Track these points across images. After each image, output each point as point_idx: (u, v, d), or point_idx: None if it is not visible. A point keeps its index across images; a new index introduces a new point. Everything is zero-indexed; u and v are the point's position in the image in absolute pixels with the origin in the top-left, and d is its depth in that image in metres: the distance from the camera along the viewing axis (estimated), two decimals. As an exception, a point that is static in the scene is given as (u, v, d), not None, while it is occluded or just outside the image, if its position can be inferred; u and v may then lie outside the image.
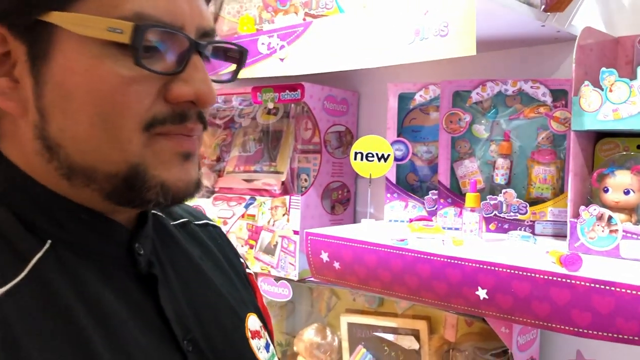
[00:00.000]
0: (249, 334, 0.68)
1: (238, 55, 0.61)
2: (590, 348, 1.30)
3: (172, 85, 0.53)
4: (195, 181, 0.57)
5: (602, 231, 1.02)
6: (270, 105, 1.66)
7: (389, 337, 1.52)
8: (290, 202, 1.60)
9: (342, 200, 1.73)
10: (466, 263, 1.00)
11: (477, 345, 1.29)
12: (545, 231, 1.24)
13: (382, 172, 1.27)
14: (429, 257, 1.05)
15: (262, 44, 1.39)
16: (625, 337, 0.83)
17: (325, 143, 1.66)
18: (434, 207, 1.36)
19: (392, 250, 1.10)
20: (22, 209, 0.53)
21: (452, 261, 1.02)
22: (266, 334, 0.73)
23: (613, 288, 0.84)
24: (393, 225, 1.37)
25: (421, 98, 1.38)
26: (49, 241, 0.53)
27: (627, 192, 1.03)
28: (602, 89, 1.02)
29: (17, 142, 0.54)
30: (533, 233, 1.24)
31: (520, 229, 1.25)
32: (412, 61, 1.06)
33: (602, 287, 0.85)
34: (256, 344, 0.68)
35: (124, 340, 0.53)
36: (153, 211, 0.68)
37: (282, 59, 1.34)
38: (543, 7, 1.14)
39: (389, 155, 1.26)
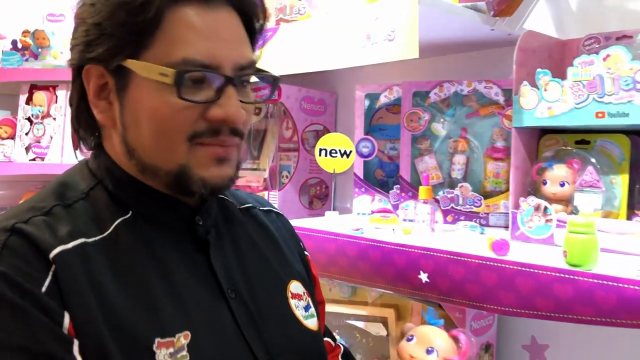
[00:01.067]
0: (289, 294, 0.85)
1: (271, 79, 0.80)
2: (544, 334, 1.37)
3: (210, 109, 0.71)
4: (229, 177, 0.75)
5: (539, 220, 1.10)
6: (251, 106, 1.75)
7: (360, 324, 1.60)
8: (268, 197, 1.68)
9: (320, 195, 1.81)
10: (410, 249, 1.08)
11: (436, 330, 1.37)
12: (498, 222, 1.32)
13: (345, 167, 1.36)
14: (379, 244, 1.13)
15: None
16: (543, 313, 0.91)
17: (303, 141, 1.75)
18: (398, 200, 1.44)
19: (348, 239, 1.19)
20: (114, 189, 0.75)
21: (399, 248, 1.10)
22: (309, 299, 0.88)
23: (533, 270, 0.92)
24: (358, 218, 1.46)
25: (385, 98, 1.47)
26: (131, 212, 0.74)
27: (562, 184, 1.11)
28: (538, 89, 1.10)
29: (112, 145, 0.76)
30: (487, 224, 1.32)
31: (475, 221, 1.33)
32: (364, 64, 1.15)
33: (524, 269, 0.93)
34: (295, 303, 0.85)
35: (178, 285, 0.71)
36: (221, 196, 0.88)
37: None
38: (492, 12, 1.22)
39: (351, 151, 1.34)
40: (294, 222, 1.37)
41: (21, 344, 0.59)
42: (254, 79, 0.81)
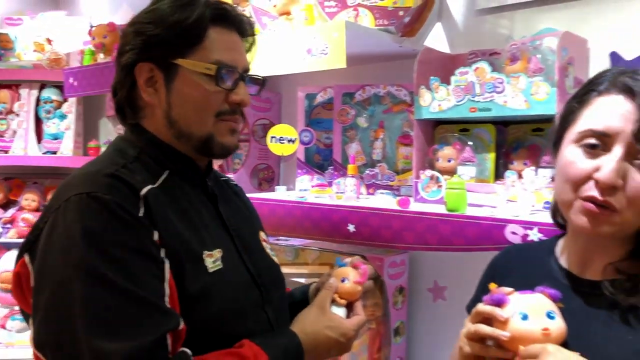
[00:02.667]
0: (261, 238, 1.20)
1: (262, 80, 1.17)
2: (444, 278, 1.79)
3: (230, 95, 1.06)
4: (236, 144, 1.10)
5: (434, 187, 1.52)
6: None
7: (302, 280, 1.97)
8: (225, 179, 2.03)
9: (267, 179, 2.18)
10: (342, 208, 1.47)
11: (362, 277, 1.77)
12: (408, 193, 1.72)
13: (291, 151, 1.73)
14: (318, 206, 1.52)
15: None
16: (432, 246, 1.32)
17: (253, 133, 2.11)
18: (332, 178, 1.83)
19: (294, 204, 1.57)
20: (155, 155, 1.05)
21: (333, 207, 1.49)
22: (270, 246, 1.22)
23: (424, 216, 1.33)
24: (301, 192, 1.83)
25: (321, 98, 1.86)
26: (167, 171, 1.04)
27: (449, 160, 1.53)
28: (431, 91, 1.51)
29: (153, 119, 1.07)
30: (400, 195, 1.73)
31: (391, 192, 1.74)
32: (305, 71, 1.53)
33: (419, 215, 1.34)
34: (265, 245, 1.20)
35: (204, 220, 1.05)
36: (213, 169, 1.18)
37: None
38: (400, 34, 1.64)
39: (295, 138, 1.72)
40: (251, 195, 1.74)
41: (133, 245, 0.89)
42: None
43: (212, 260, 1.00)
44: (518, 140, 1.55)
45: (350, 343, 1.10)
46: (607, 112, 0.88)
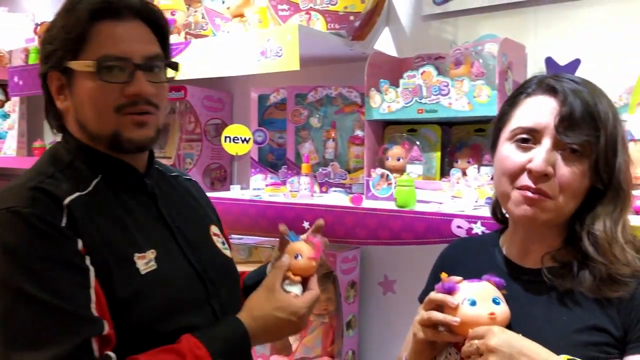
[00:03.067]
0: (211, 233, 1.19)
1: (175, 65, 1.11)
2: (394, 271, 1.87)
3: (126, 88, 1.01)
4: (150, 138, 1.05)
5: (384, 184, 1.58)
6: (161, 103, 2.09)
7: (256, 278, 2.00)
8: (178, 179, 2.04)
9: (220, 178, 2.20)
10: (296, 206, 1.52)
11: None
12: (359, 190, 1.78)
13: (245, 150, 1.77)
14: (274, 204, 1.56)
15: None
16: (383, 240, 1.39)
17: (206, 133, 2.12)
18: (285, 177, 1.88)
19: (249, 203, 1.60)
20: (86, 159, 1.04)
21: (288, 206, 1.53)
22: (224, 239, 1.22)
23: (376, 212, 1.39)
24: (255, 191, 1.87)
25: (274, 98, 1.90)
26: (100, 175, 1.04)
27: (398, 159, 1.61)
28: (381, 93, 1.58)
29: (71, 125, 1.07)
30: (352, 192, 1.79)
31: (343, 190, 1.79)
32: (259, 72, 1.56)
33: (370, 212, 1.40)
34: (215, 239, 1.18)
35: (141, 222, 1.04)
36: (157, 166, 1.17)
37: (169, 68, 1.79)
38: (350, 37, 1.70)
39: (249, 138, 1.75)
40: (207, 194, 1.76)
41: (54, 257, 0.90)
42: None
43: (145, 262, 1.01)
44: (462, 140, 1.64)
45: (302, 321, 1.09)
46: (535, 110, 0.97)
